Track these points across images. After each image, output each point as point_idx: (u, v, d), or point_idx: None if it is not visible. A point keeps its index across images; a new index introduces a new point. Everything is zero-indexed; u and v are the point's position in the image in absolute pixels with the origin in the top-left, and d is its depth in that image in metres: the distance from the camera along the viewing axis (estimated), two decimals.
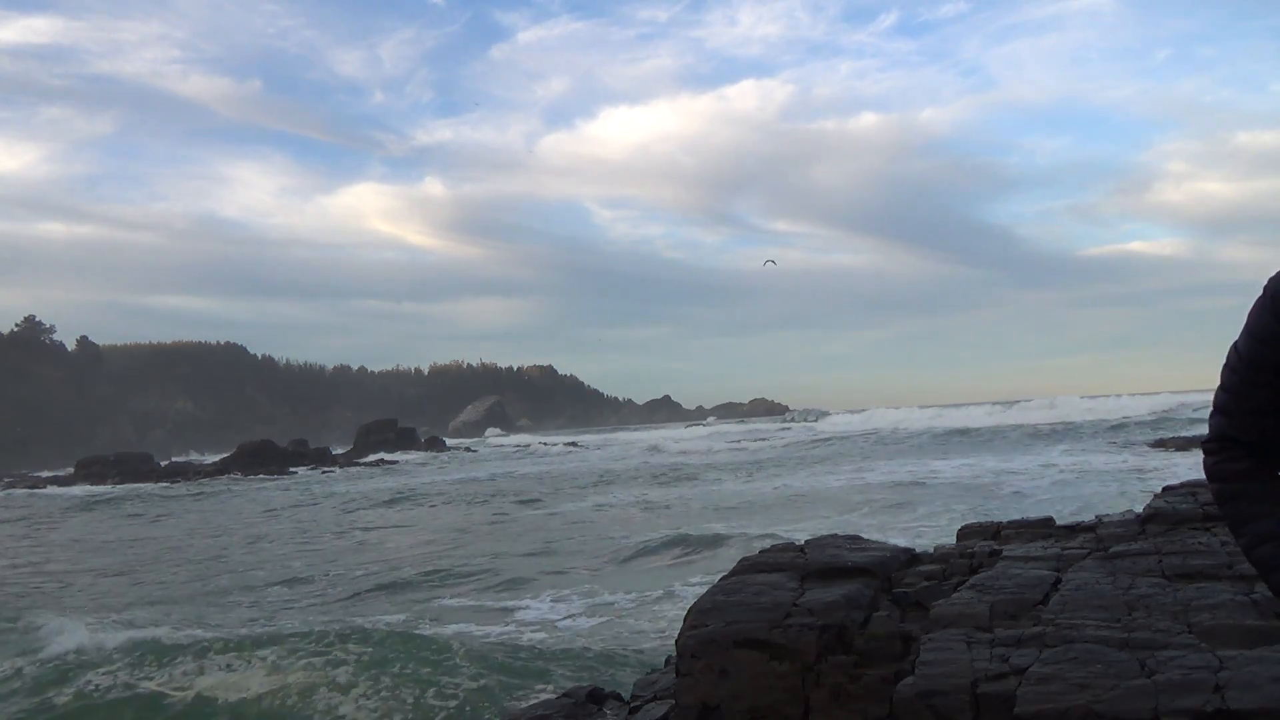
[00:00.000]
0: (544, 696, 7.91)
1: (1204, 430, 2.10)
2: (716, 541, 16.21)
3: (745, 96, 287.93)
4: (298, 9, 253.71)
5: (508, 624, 11.64)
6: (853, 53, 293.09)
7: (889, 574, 6.61)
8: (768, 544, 7.57)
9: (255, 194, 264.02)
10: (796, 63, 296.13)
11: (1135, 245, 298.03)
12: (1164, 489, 7.73)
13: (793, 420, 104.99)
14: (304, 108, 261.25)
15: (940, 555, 6.97)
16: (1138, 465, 27.53)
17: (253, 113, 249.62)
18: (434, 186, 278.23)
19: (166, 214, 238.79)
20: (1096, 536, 6.89)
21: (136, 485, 53.12)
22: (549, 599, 12.84)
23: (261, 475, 55.89)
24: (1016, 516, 8.29)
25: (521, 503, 28.45)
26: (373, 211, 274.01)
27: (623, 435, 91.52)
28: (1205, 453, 2.02)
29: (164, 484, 53.31)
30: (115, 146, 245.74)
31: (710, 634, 5.85)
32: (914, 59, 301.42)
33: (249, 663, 9.47)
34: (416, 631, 10.66)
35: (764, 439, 62.51)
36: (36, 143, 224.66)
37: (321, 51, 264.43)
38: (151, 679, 9.11)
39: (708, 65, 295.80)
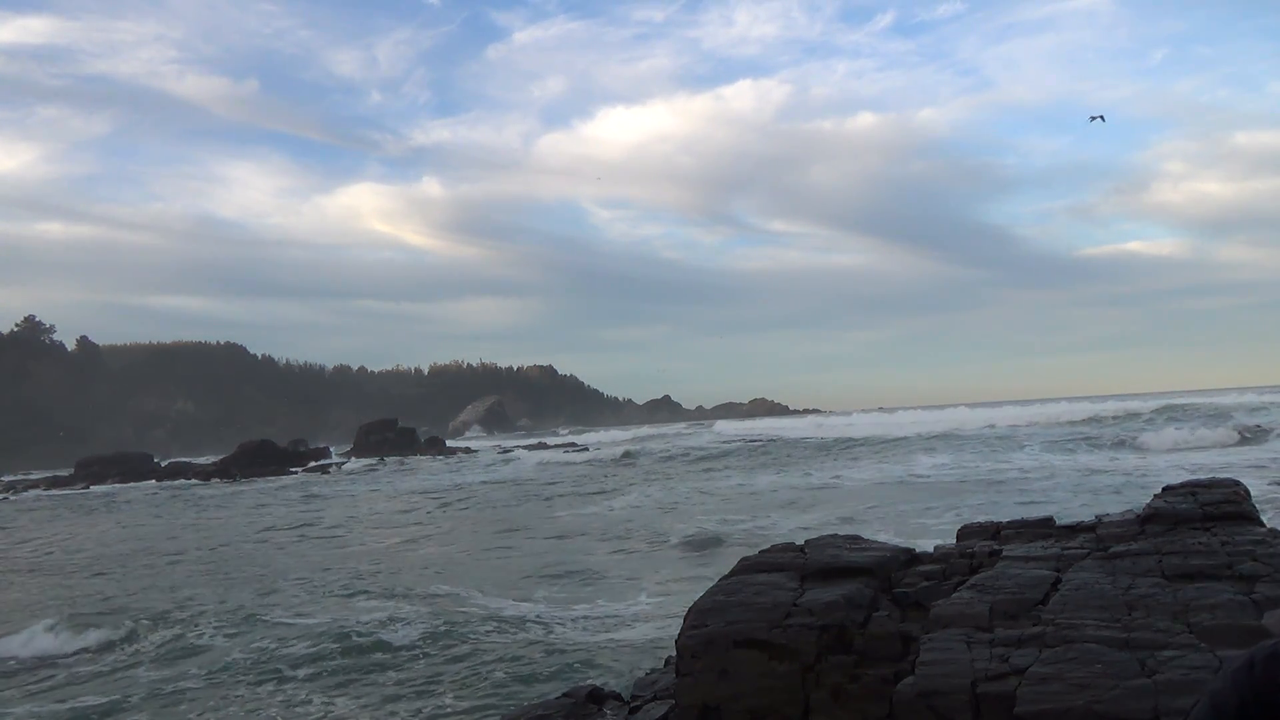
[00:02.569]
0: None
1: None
2: None
3: (742, 97, 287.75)
4: (294, 9, 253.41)
5: None
6: (849, 53, 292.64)
7: (889, 574, 6.61)
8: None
9: (252, 194, 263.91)
10: (793, 63, 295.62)
11: (1133, 245, 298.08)
12: (1164, 489, 7.71)
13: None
14: (300, 108, 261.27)
15: (940, 555, 6.97)
16: (1136, 464, 27.51)
17: (249, 113, 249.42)
18: (431, 187, 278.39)
19: (164, 214, 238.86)
20: (1096, 536, 6.89)
21: (134, 485, 53.16)
22: None
23: (220, 482, 55.90)
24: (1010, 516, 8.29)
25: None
26: (370, 212, 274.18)
27: (597, 435, 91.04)
28: None
29: (166, 483, 53.36)
30: (112, 147, 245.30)
31: (710, 634, 5.86)
32: (911, 59, 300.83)
33: None
34: None
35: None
36: (33, 143, 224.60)
37: (318, 52, 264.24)
38: None
39: (704, 65, 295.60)
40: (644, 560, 16.14)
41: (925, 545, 7.76)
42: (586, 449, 63.79)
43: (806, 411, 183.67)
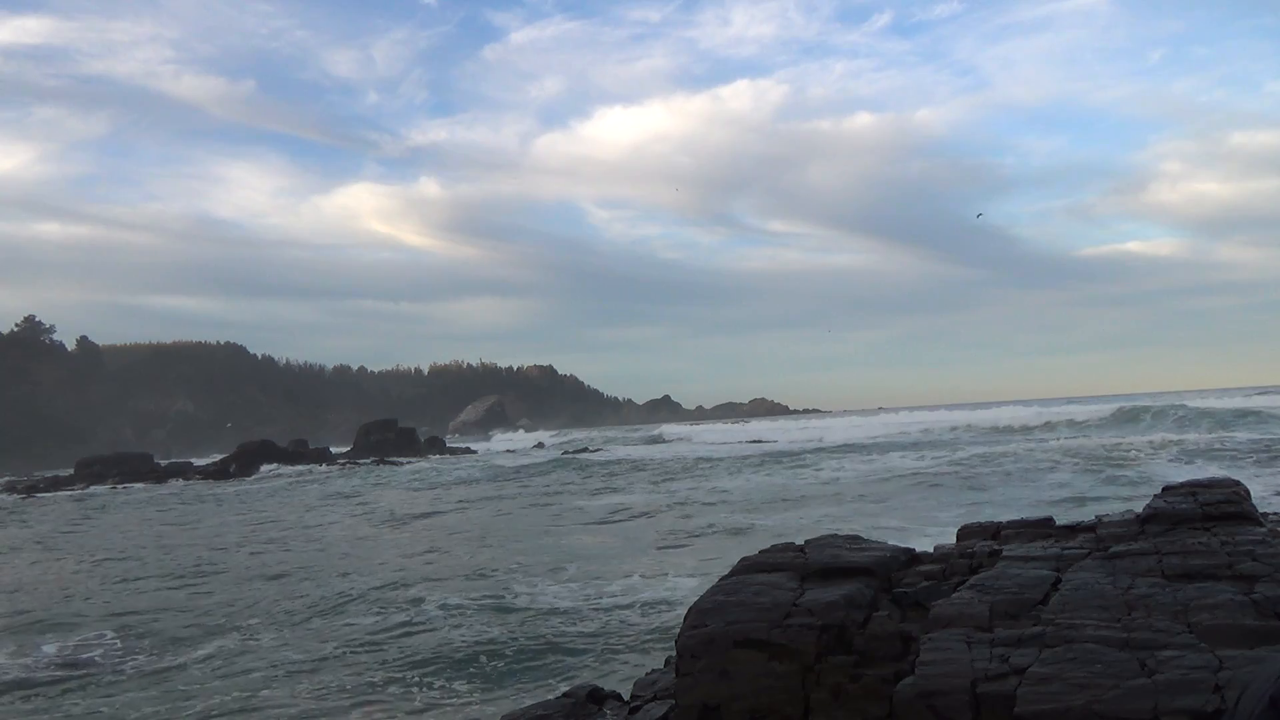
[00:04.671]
0: None
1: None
2: None
3: (740, 97, 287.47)
4: (290, 9, 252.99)
5: None
6: (846, 53, 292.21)
7: (889, 574, 6.61)
8: None
9: (250, 194, 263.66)
10: (790, 63, 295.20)
11: (1132, 245, 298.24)
12: (1164, 489, 7.72)
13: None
14: (298, 108, 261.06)
15: (940, 555, 6.97)
16: (1136, 463, 27.51)
17: (246, 113, 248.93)
18: (429, 187, 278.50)
19: (162, 215, 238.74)
20: (1096, 536, 6.89)
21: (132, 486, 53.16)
22: None
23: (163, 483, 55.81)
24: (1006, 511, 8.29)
25: None
26: (368, 212, 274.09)
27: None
28: None
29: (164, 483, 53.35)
30: (109, 147, 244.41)
31: (710, 634, 5.85)
32: (908, 59, 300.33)
33: None
34: None
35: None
36: (31, 143, 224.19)
37: (315, 52, 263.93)
38: None
39: (701, 65, 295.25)
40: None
41: (924, 545, 7.76)
42: (610, 450, 63.70)
43: (806, 411, 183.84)
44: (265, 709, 8.95)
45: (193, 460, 72.08)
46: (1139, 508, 7.38)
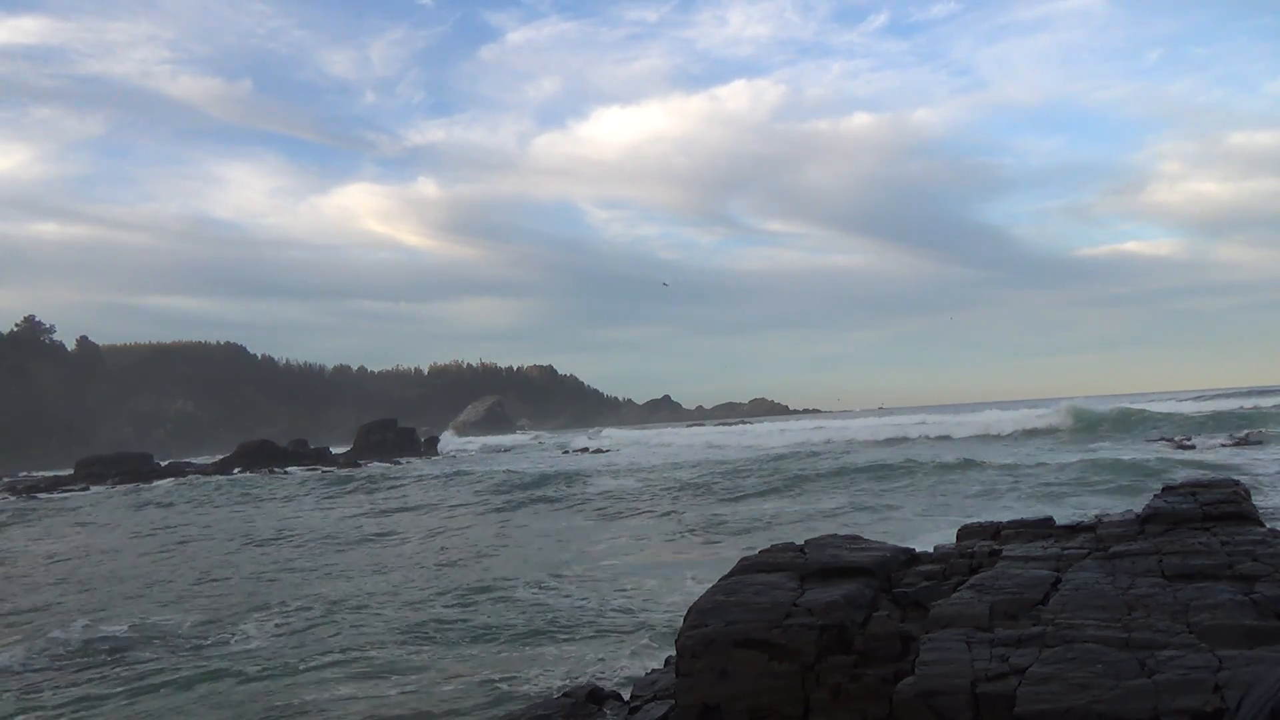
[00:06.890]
0: None
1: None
2: None
3: (737, 97, 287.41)
4: (287, 9, 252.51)
5: None
6: (844, 53, 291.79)
7: (889, 574, 6.61)
8: None
9: (248, 194, 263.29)
10: (788, 63, 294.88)
11: (1131, 246, 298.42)
12: (1164, 489, 7.72)
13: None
14: (295, 108, 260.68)
15: (940, 555, 6.97)
16: (1135, 464, 27.49)
17: (243, 113, 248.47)
18: (427, 187, 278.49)
19: (159, 215, 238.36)
20: (1096, 536, 6.89)
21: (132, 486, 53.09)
22: None
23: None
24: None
25: None
26: (366, 212, 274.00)
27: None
28: None
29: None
30: (106, 147, 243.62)
31: (710, 634, 5.85)
32: (905, 59, 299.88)
33: None
34: None
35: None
36: (28, 143, 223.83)
37: (311, 52, 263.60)
38: None
39: (699, 66, 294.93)
40: None
41: (924, 545, 7.75)
42: (598, 449, 63.49)
43: (806, 411, 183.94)
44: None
45: (192, 460, 72.07)
46: (1139, 508, 7.38)
